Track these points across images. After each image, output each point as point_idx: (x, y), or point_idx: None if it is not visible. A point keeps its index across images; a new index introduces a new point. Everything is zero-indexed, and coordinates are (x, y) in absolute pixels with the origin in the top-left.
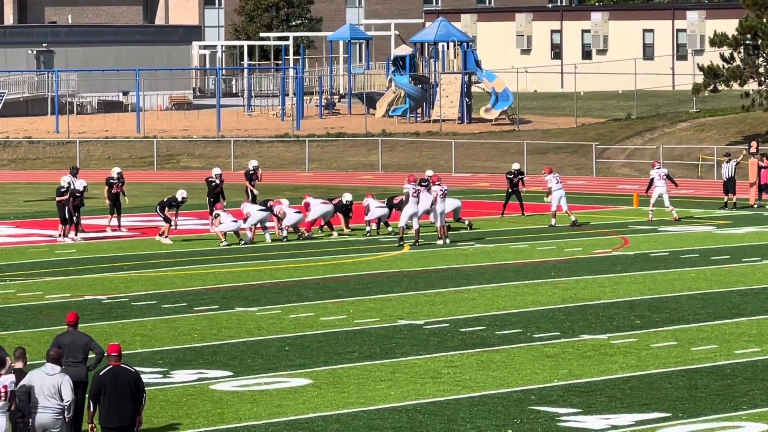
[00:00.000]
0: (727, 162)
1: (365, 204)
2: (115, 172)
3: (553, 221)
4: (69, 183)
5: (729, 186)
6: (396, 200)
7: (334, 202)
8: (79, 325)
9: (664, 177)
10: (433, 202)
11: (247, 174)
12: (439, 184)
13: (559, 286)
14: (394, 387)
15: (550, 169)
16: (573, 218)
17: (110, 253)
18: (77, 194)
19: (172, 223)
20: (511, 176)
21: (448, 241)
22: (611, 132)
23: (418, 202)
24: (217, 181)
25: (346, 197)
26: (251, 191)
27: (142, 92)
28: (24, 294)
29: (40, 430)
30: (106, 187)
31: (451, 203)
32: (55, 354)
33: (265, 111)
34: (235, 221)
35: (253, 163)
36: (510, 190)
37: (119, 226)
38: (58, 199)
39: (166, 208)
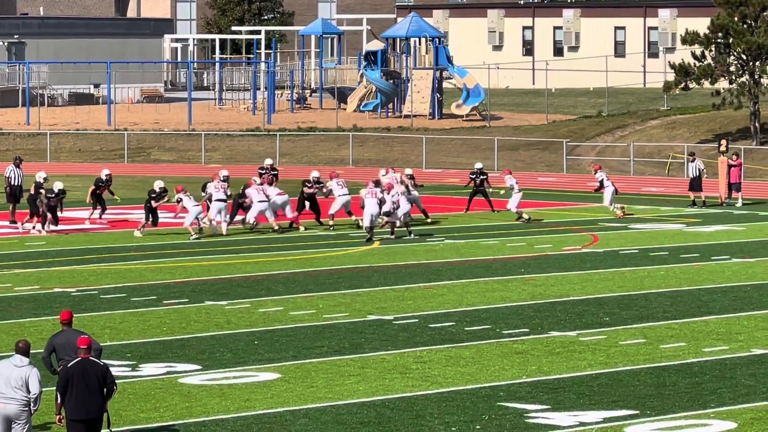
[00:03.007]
0: (691, 161)
1: (328, 186)
2: (104, 174)
3: (525, 216)
4: (45, 179)
5: (694, 184)
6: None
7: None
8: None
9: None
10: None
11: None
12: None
13: (529, 283)
14: (363, 382)
15: (509, 171)
16: (526, 216)
17: (80, 246)
18: (51, 195)
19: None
20: (474, 176)
21: (374, 242)
22: (582, 129)
23: (378, 203)
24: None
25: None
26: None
27: (114, 85)
28: None
29: (5, 421)
30: (92, 187)
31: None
32: (23, 346)
33: (237, 105)
34: (197, 205)
35: (268, 161)
36: (474, 189)
37: (100, 217)
38: (32, 193)
39: (152, 202)
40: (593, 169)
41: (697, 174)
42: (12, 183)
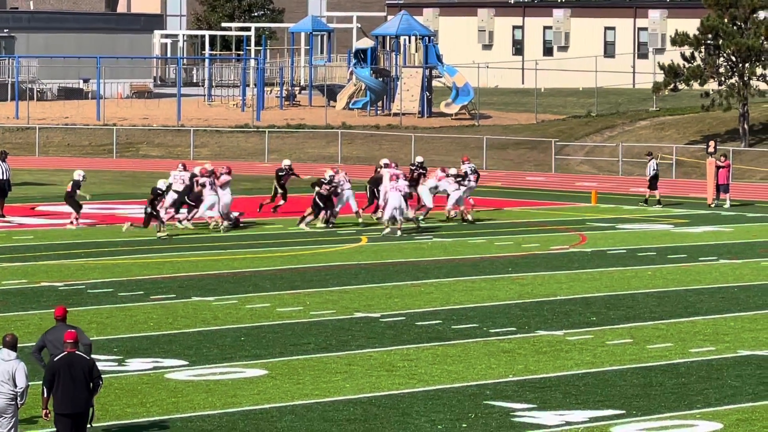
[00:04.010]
0: (649, 160)
1: (337, 180)
2: (197, 170)
3: (453, 213)
4: (84, 177)
5: (651, 183)
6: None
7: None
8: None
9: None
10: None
11: (278, 173)
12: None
13: (516, 282)
14: (350, 379)
15: (444, 168)
16: (452, 214)
17: (67, 240)
18: (160, 192)
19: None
20: (414, 168)
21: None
22: (571, 129)
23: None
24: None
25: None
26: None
27: (103, 80)
28: None
29: None
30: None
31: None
32: (10, 340)
33: (226, 101)
34: (215, 195)
35: (286, 162)
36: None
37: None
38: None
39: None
40: (462, 160)
41: (654, 173)
42: (2, 178)
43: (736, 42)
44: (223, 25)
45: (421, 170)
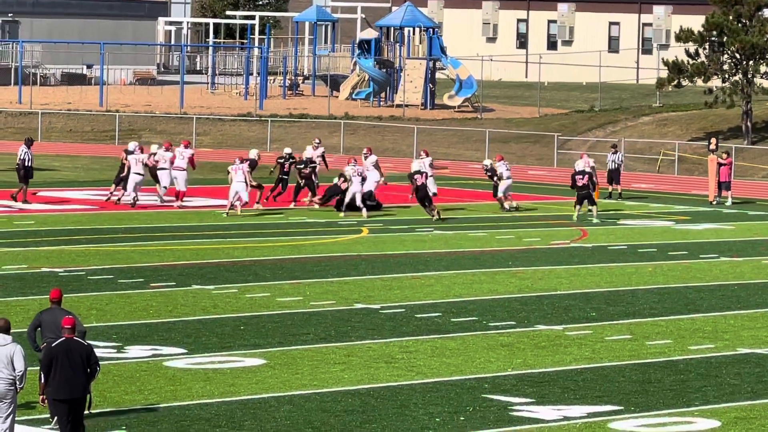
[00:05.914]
0: (612, 153)
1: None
2: (254, 153)
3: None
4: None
5: (613, 176)
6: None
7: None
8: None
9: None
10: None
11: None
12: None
13: (517, 276)
14: (348, 370)
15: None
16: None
17: (68, 226)
18: (302, 165)
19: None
20: (282, 160)
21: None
22: (573, 123)
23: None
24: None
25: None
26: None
27: (107, 66)
28: None
29: None
30: (296, 167)
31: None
32: (4, 324)
33: (229, 89)
34: (240, 182)
35: (287, 150)
36: (280, 176)
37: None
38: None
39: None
40: (358, 159)
41: (616, 167)
42: (26, 164)
43: (741, 39)
44: (228, 13)
45: (291, 159)
